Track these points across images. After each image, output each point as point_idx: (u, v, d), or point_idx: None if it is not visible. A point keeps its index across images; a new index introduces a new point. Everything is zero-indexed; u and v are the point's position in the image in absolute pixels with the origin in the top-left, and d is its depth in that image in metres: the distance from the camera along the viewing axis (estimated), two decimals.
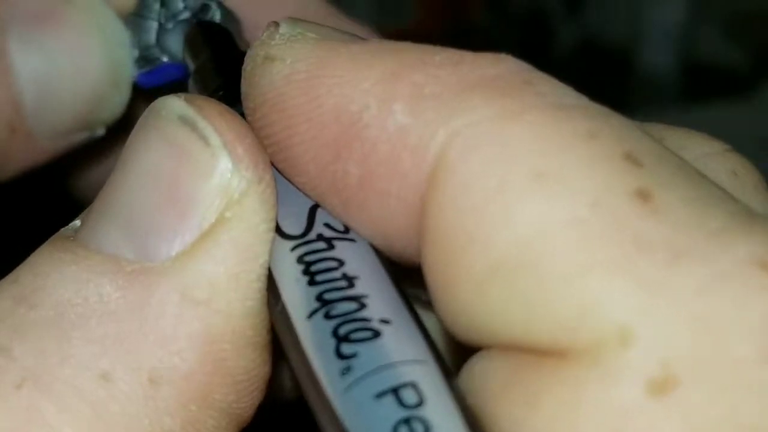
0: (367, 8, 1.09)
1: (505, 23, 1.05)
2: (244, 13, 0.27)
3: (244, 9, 0.27)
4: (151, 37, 0.26)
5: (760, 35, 1.12)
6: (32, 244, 0.18)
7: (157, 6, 0.26)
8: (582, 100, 0.16)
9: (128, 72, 0.26)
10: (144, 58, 0.26)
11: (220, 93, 0.21)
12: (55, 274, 0.17)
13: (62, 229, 0.18)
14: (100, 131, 0.27)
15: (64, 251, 0.17)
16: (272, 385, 0.19)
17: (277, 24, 0.18)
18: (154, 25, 0.26)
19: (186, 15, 0.26)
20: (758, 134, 0.99)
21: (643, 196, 0.15)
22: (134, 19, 0.26)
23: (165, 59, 0.26)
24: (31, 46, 0.24)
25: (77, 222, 0.18)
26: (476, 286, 0.15)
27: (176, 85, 0.27)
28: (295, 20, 0.18)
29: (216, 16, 0.26)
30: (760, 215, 0.16)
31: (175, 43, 0.27)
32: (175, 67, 0.26)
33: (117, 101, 0.26)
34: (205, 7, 0.26)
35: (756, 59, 1.10)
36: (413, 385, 0.15)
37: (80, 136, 0.26)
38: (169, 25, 0.26)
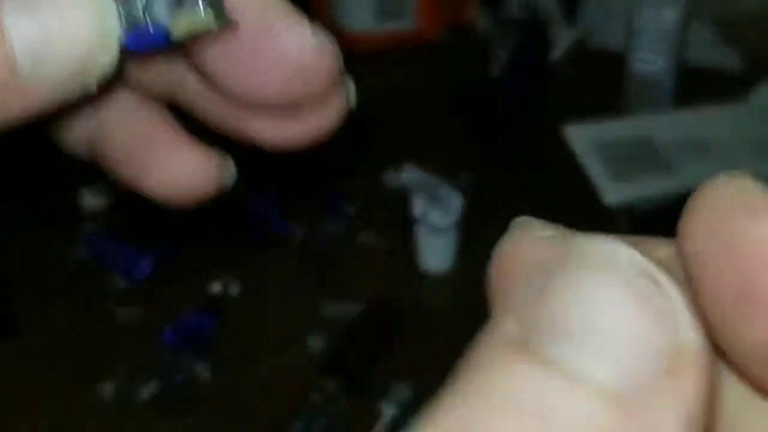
0: (367, 14, 1.12)
1: (502, 28, 1.07)
2: None
3: None
4: (139, 4, 0.28)
5: (753, 38, 1.14)
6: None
7: None
8: None
9: (116, 36, 0.28)
10: (131, 24, 0.29)
11: None
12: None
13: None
14: (92, 88, 0.29)
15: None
16: None
17: None
18: None
19: None
20: (751, 136, 1.01)
21: None
22: None
23: (151, 26, 0.29)
24: (24, 17, 0.27)
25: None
26: None
27: (161, 51, 0.29)
28: None
29: None
30: None
31: (161, 10, 0.29)
32: (160, 34, 0.29)
33: (106, 62, 0.29)
34: None
35: (749, 62, 1.12)
36: None
37: (74, 91, 0.29)
38: None
